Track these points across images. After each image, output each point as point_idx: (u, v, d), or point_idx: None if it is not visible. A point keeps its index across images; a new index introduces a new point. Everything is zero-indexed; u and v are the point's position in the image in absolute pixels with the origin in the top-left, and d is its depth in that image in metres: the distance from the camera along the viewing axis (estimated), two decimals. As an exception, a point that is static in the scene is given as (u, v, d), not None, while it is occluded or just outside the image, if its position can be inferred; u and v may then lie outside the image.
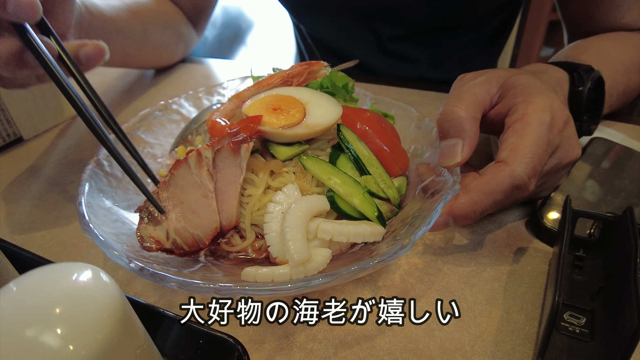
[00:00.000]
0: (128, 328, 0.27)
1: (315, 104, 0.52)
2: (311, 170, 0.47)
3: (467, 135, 0.47)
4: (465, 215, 0.46)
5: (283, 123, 0.49)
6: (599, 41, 0.73)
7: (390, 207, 0.51)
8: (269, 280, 0.41)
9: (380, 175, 0.51)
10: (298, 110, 0.50)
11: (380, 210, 0.48)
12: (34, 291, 0.25)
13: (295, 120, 0.49)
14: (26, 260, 0.45)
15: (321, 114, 0.51)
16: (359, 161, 0.50)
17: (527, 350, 0.40)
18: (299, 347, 0.42)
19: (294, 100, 0.52)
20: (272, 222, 0.45)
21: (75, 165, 0.72)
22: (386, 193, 0.50)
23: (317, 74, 0.57)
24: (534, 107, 0.47)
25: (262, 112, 0.50)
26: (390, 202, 0.51)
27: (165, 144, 0.66)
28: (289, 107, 0.51)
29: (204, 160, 0.46)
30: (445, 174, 0.50)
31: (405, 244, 0.40)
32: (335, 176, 0.47)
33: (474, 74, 0.53)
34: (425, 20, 0.93)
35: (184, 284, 0.37)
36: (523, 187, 0.45)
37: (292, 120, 0.49)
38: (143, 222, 0.46)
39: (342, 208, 0.47)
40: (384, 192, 0.50)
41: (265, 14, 2.89)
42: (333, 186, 0.47)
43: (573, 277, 0.46)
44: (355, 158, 0.50)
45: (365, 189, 0.48)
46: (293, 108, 0.51)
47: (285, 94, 0.53)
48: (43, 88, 0.81)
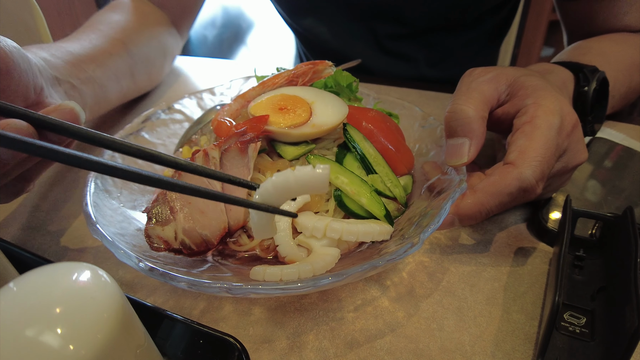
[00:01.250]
0: (128, 328, 0.27)
1: (321, 104, 0.52)
2: None
3: (474, 135, 0.47)
4: (471, 215, 0.46)
5: (290, 123, 0.49)
6: (601, 42, 0.73)
7: (397, 205, 0.51)
8: (277, 279, 0.41)
9: (387, 174, 0.51)
10: (304, 110, 0.51)
11: (387, 209, 0.48)
12: (34, 291, 0.25)
13: (301, 119, 0.49)
14: (26, 260, 0.45)
15: (327, 114, 0.51)
16: (365, 160, 0.50)
17: (527, 350, 0.40)
18: (299, 347, 0.42)
19: (300, 100, 0.52)
20: (280, 221, 0.45)
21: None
22: (393, 192, 0.51)
23: (321, 73, 0.57)
24: (543, 110, 0.47)
25: (268, 112, 0.50)
26: (396, 200, 0.51)
27: (169, 144, 0.66)
28: (295, 106, 0.51)
29: (211, 160, 0.46)
30: (451, 173, 0.50)
31: (415, 242, 0.40)
32: (343, 175, 0.48)
33: (483, 69, 0.52)
34: (424, 19, 0.93)
35: (194, 283, 0.37)
36: (530, 190, 0.45)
37: (298, 119, 0.49)
38: (151, 223, 0.46)
39: (349, 207, 0.47)
40: (391, 190, 0.51)
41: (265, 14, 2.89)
42: (340, 185, 0.47)
43: (573, 277, 0.46)
44: (362, 157, 0.50)
45: (372, 187, 0.48)
46: (299, 107, 0.51)
47: (291, 94, 0.54)
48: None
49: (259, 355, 0.41)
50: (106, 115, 0.89)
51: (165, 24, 0.97)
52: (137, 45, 0.84)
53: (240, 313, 0.45)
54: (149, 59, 0.89)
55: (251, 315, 0.45)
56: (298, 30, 1.10)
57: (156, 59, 0.92)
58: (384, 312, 0.45)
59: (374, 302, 0.46)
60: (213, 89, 0.74)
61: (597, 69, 0.61)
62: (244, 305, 0.46)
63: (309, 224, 0.44)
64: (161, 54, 0.94)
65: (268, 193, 0.35)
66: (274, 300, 0.46)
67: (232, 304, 0.46)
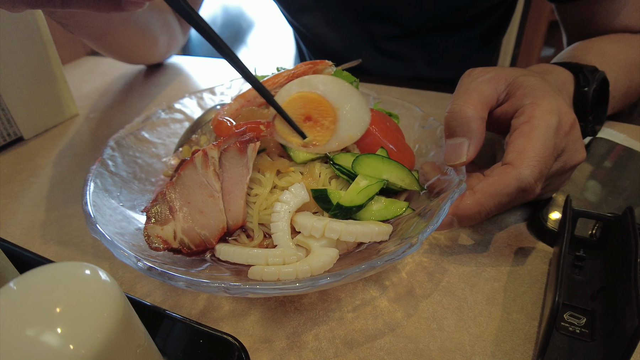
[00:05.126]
0: (128, 328, 0.27)
1: (346, 111, 0.50)
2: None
3: (473, 135, 0.48)
4: (470, 216, 0.46)
5: (313, 139, 0.49)
6: (601, 42, 0.73)
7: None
8: (275, 279, 0.41)
9: (397, 175, 0.50)
10: (331, 121, 0.49)
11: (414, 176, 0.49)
12: (34, 291, 0.25)
13: (326, 138, 0.49)
14: (26, 260, 0.45)
15: (351, 125, 0.49)
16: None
17: (527, 350, 0.40)
18: (299, 347, 0.42)
19: (326, 107, 0.50)
20: (279, 221, 0.45)
21: (75, 165, 0.73)
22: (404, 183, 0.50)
23: (321, 73, 0.57)
24: (541, 110, 0.47)
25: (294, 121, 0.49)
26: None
27: (169, 143, 0.66)
28: (320, 116, 0.50)
29: (210, 160, 0.46)
30: (450, 173, 0.50)
31: (414, 243, 0.40)
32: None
33: (482, 69, 0.52)
34: (418, 20, 0.93)
35: (193, 283, 0.37)
36: (529, 190, 0.45)
37: (323, 138, 0.49)
38: (150, 222, 0.46)
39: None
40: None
41: (265, 14, 2.89)
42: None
43: (573, 277, 0.46)
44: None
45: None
46: (325, 118, 0.49)
47: (314, 94, 0.50)
48: (43, 88, 0.81)
49: (258, 355, 0.41)
50: (106, 115, 0.89)
51: (167, 9, 0.99)
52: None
53: (240, 313, 0.45)
54: (148, 20, 0.89)
55: (251, 315, 0.45)
56: (299, 29, 1.10)
57: (155, 23, 0.93)
58: (384, 312, 0.45)
59: (374, 302, 0.46)
60: (213, 89, 0.74)
61: (597, 69, 0.61)
62: (244, 304, 0.46)
63: (308, 223, 0.44)
64: (162, 21, 0.95)
65: None
66: (273, 300, 0.46)
67: (232, 303, 0.46)
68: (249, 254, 0.43)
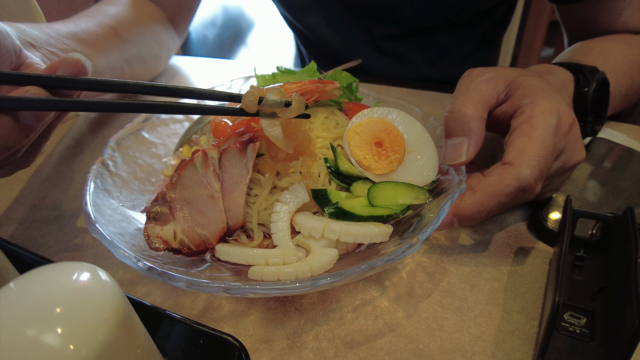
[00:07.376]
0: (128, 328, 0.27)
1: (413, 159, 0.50)
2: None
3: (473, 135, 0.48)
4: (470, 216, 0.46)
5: (375, 166, 0.49)
6: (602, 42, 0.73)
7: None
8: (274, 279, 0.41)
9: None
10: (397, 158, 0.50)
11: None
12: (34, 291, 0.25)
13: (387, 171, 0.49)
14: (26, 260, 0.45)
15: (413, 174, 0.50)
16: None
17: (527, 351, 0.40)
18: (299, 347, 0.42)
19: (400, 141, 0.51)
20: (279, 221, 0.45)
21: (75, 165, 0.73)
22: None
23: (328, 94, 0.55)
24: (540, 110, 0.47)
25: (365, 139, 0.50)
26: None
27: (169, 143, 0.66)
28: (391, 147, 0.50)
29: (210, 161, 0.46)
30: (450, 173, 0.50)
31: (414, 243, 0.40)
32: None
33: (482, 69, 0.53)
34: (418, 20, 0.93)
35: (193, 283, 0.37)
36: (529, 190, 0.45)
37: (385, 169, 0.49)
38: (150, 222, 0.46)
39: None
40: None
41: (265, 14, 2.89)
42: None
43: (573, 277, 0.46)
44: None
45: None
46: (395, 152, 0.50)
47: (396, 128, 0.51)
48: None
49: (258, 355, 0.41)
50: (106, 115, 0.89)
51: (161, 19, 0.98)
52: (129, 32, 0.85)
53: (240, 313, 0.45)
54: (142, 47, 0.89)
55: (251, 315, 0.45)
56: (299, 30, 1.10)
57: (150, 48, 0.93)
58: (384, 312, 0.45)
59: (374, 302, 0.46)
60: (213, 89, 0.74)
61: (597, 70, 0.61)
62: (244, 304, 0.46)
63: (308, 223, 0.44)
64: (156, 45, 0.95)
65: None
66: (273, 300, 0.46)
67: (232, 303, 0.46)
68: (249, 254, 0.43)
